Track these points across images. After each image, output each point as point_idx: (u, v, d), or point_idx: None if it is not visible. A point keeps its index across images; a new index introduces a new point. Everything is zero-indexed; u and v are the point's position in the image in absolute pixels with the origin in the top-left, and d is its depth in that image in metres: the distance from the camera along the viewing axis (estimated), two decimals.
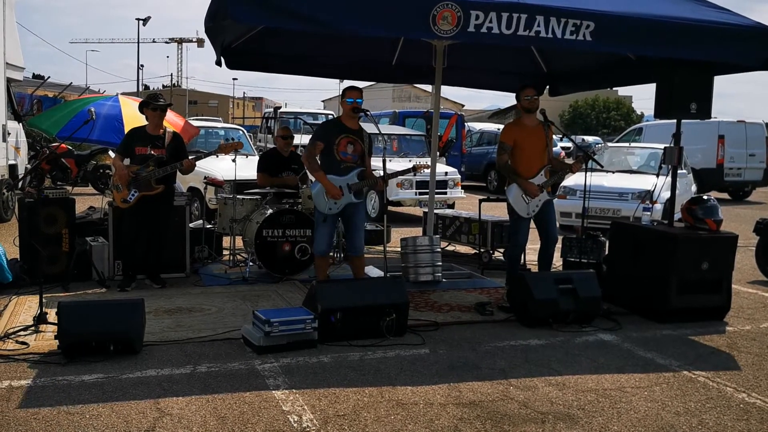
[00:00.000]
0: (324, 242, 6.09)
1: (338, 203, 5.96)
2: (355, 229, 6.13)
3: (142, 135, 6.62)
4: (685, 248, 5.87)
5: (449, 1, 4.76)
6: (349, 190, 5.98)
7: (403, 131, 14.52)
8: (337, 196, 5.90)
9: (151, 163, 6.50)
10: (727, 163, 17.87)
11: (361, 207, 6.14)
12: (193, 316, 5.71)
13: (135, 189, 6.49)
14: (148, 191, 6.52)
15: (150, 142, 6.57)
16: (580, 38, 5.09)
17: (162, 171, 6.51)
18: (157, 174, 6.49)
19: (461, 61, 7.98)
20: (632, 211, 10.11)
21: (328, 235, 6.13)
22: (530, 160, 6.33)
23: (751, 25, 5.63)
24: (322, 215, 6.00)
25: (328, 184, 5.90)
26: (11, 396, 3.96)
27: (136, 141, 6.58)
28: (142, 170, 6.49)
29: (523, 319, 5.70)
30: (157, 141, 6.60)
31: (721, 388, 4.44)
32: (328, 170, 5.96)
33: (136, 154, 6.56)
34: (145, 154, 6.54)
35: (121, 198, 6.54)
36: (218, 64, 6.40)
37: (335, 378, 4.38)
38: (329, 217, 6.00)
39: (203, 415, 3.78)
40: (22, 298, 6.05)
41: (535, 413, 3.95)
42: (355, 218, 6.10)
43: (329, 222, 6.04)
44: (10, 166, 10.93)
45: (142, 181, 6.48)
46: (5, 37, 10.37)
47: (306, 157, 6.14)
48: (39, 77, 29.06)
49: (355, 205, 6.06)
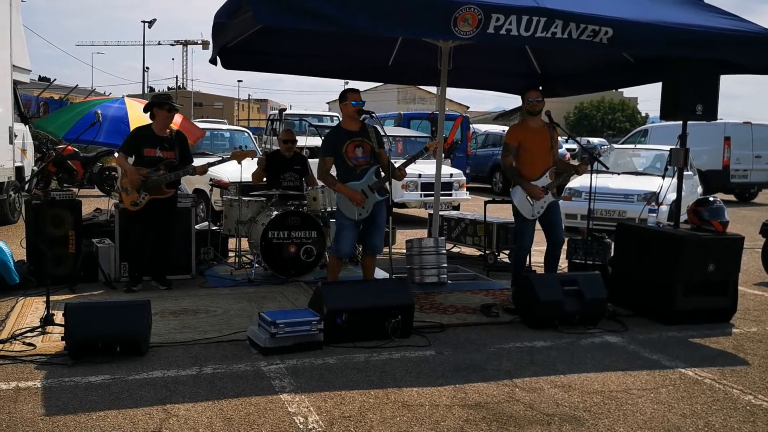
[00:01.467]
0: (349, 245, 6.08)
1: (366, 207, 5.92)
2: (376, 228, 6.08)
3: (148, 135, 6.52)
4: (691, 250, 5.86)
5: (472, 4, 4.80)
6: (371, 191, 5.95)
7: (408, 133, 14.54)
8: (360, 201, 5.88)
9: (162, 167, 6.45)
10: (733, 164, 17.81)
11: (383, 206, 6.06)
12: (199, 318, 5.72)
13: (145, 192, 6.45)
14: (159, 195, 6.48)
15: (158, 143, 6.49)
16: (597, 41, 5.18)
17: (174, 176, 6.47)
18: (169, 178, 6.45)
19: (463, 63, 7.99)
20: (638, 213, 10.14)
21: (353, 238, 6.11)
22: (535, 162, 6.33)
23: (759, 31, 5.76)
24: (352, 221, 5.96)
25: (349, 192, 5.86)
26: (18, 397, 3.97)
27: (144, 142, 6.49)
28: (153, 173, 6.43)
29: (529, 320, 5.70)
30: (165, 143, 6.52)
31: (728, 390, 4.43)
32: (346, 178, 5.93)
33: (144, 155, 6.48)
34: (155, 156, 6.47)
35: (131, 201, 6.49)
36: (213, 62, 6.40)
37: (341, 379, 4.38)
38: (359, 221, 5.97)
39: (209, 417, 3.78)
40: (28, 300, 6.07)
41: (541, 415, 3.95)
42: (378, 218, 6.05)
43: (356, 225, 6.01)
44: (17, 168, 10.97)
45: (153, 184, 6.43)
46: (12, 40, 10.41)
47: (319, 176, 6.06)
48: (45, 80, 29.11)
49: (378, 204, 6.02)
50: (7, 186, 10.74)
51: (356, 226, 6.04)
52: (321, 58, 8.11)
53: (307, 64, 8.23)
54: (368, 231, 6.12)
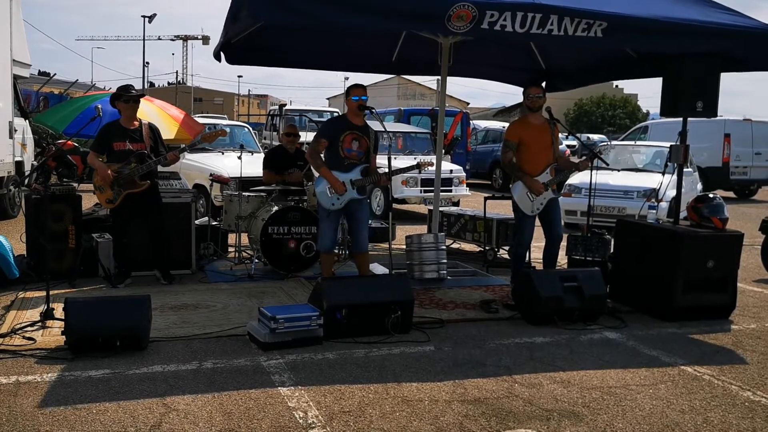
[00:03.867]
0: (328, 238, 6.12)
1: (341, 199, 5.98)
2: (358, 225, 6.15)
3: (117, 130, 6.42)
4: (690, 247, 5.87)
5: (466, 2, 4.82)
6: (353, 186, 5.99)
7: (408, 129, 14.51)
8: (341, 190, 5.92)
9: (133, 160, 6.33)
10: (733, 161, 17.81)
11: (364, 204, 6.16)
12: (199, 313, 5.73)
13: (119, 188, 6.35)
14: (133, 189, 6.37)
15: (127, 136, 6.38)
16: (591, 35, 5.19)
17: (145, 167, 6.33)
18: (140, 171, 6.32)
19: (466, 58, 7.98)
20: (638, 210, 10.12)
21: (332, 230, 6.15)
22: (536, 158, 6.33)
23: (759, 26, 5.73)
24: (326, 211, 6.03)
25: (332, 178, 5.93)
26: (18, 391, 3.98)
27: (112, 136, 6.38)
28: (125, 168, 6.32)
29: (528, 316, 5.70)
30: (134, 134, 6.42)
31: (726, 386, 4.44)
32: (332, 167, 5.99)
33: (114, 150, 6.37)
34: (124, 149, 6.36)
35: (105, 199, 6.42)
36: (217, 57, 6.42)
37: (340, 374, 4.39)
38: (332, 213, 6.02)
39: (209, 411, 3.79)
40: (28, 294, 6.08)
41: (540, 410, 3.96)
42: (358, 214, 6.12)
43: (333, 218, 6.08)
44: (17, 163, 10.98)
45: (126, 179, 6.33)
46: (12, 34, 10.40)
47: (309, 154, 6.17)
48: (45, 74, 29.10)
49: (359, 202, 6.07)
50: (7, 180, 10.74)
51: (335, 219, 6.11)
52: (323, 53, 8.12)
53: (310, 58, 8.24)
54: (352, 229, 6.24)
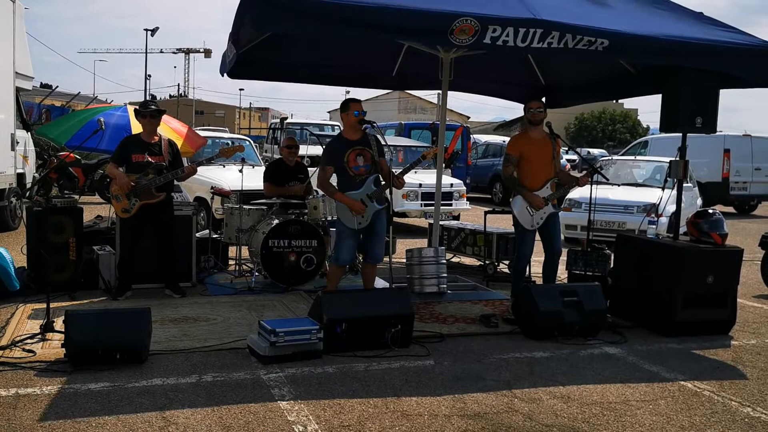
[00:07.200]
0: (349, 253, 6.09)
1: (366, 216, 5.95)
2: (376, 237, 6.09)
3: (137, 143, 6.61)
4: (690, 262, 5.87)
5: (469, 17, 4.88)
6: (370, 199, 5.97)
7: (408, 143, 14.56)
8: (361, 210, 5.90)
9: (150, 171, 6.47)
10: (733, 176, 17.84)
11: (383, 215, 6.08)
12: (199, 326, 5.73)
13: (135, 198, 6.47)
14: (149, 200, 6.49)
15: (146, 149, 6.55)
16: (592, 49, 5.25)
17: (163, 178, 6.49)
18: (158, 182, 6.47)
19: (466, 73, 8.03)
20: (637, 224, 10.14)
21: (354, 246, 6.13)
22: (536, 173, 6.34)
23: (758, 43, 5.79)
24: (351, 229, 5.98)
25: (349, 201, 5.89)
26: (17, 404, 3.98)
27: (132, 149, 6.55)
28: (142, 178, 6.46)
29: (528, 331, 5.70)
30: (153, 148, 6.58)
31: (726, 402, 4.43)
32: (346, 188, 5.95)
33: (133, 161, 6.51)
34: (143, 161, 6.51)
35: (121, 208, 6.52)
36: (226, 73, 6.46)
37: (340, 388, 4.39)
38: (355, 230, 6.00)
39: (208, 425, 3.79)
40: (29, 306, 6.08)
41: (540, 426, 3.95)
42: (377, 226, 6.07)
43: (355, 234, 6.03)
44: (19, 175, 11.01)
45: (142, 189, 6.45)
46: (15, 47, 10.46)
47: (320, 184, 6.07)
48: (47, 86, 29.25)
49: (378, 213, 6.04)
50: (9, 192, 10.76)
51: (356, 234, 6.06)
52: (325, 68, 8.17)
53: (312, 73, 8.29)
54: (368, 240, 6.13)
